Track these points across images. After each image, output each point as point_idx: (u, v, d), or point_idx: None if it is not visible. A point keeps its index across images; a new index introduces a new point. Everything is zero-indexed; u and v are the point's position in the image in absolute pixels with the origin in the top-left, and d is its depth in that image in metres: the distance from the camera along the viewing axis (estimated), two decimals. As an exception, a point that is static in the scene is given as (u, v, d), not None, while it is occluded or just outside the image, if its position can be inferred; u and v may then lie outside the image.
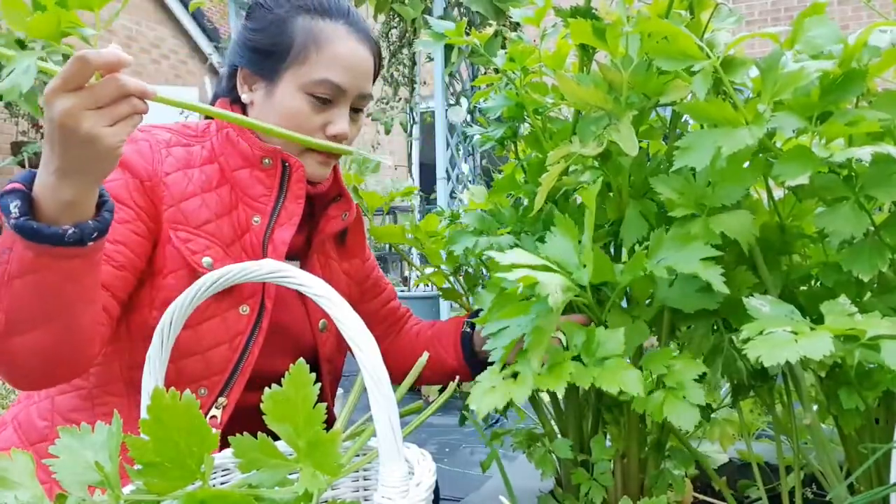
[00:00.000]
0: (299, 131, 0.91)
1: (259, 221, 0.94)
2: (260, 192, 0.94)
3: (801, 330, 0.55)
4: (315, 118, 0.94)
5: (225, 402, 0.90)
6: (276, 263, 0.57)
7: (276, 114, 0.93)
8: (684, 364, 0.68)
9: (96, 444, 0.51)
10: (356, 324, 0.52)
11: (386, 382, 0.49)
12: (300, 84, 0.92)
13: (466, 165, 3.41)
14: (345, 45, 0.94)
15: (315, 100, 0.93)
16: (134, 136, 0.91)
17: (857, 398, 0.66)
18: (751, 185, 0.67)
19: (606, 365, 0.64)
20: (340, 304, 0.52)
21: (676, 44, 0.65)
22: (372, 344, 0.51)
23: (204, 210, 0.91)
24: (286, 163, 0.94)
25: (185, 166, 0.93)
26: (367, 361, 0.50)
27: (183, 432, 0.46)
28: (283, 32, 0.93)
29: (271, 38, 0.94)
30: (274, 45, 0.93)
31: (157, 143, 0.92)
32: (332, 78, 0.92)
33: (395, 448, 0.50)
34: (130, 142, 0.90)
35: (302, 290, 0.55)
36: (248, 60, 0.96)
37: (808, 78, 0.61)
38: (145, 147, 0.91)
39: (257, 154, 0.94)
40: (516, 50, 0.88)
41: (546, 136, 0.89)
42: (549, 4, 0.84)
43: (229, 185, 0.95)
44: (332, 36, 0.93)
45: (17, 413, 0.94)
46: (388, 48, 4.07)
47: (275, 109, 0.94)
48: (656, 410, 0.66)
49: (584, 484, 0.82)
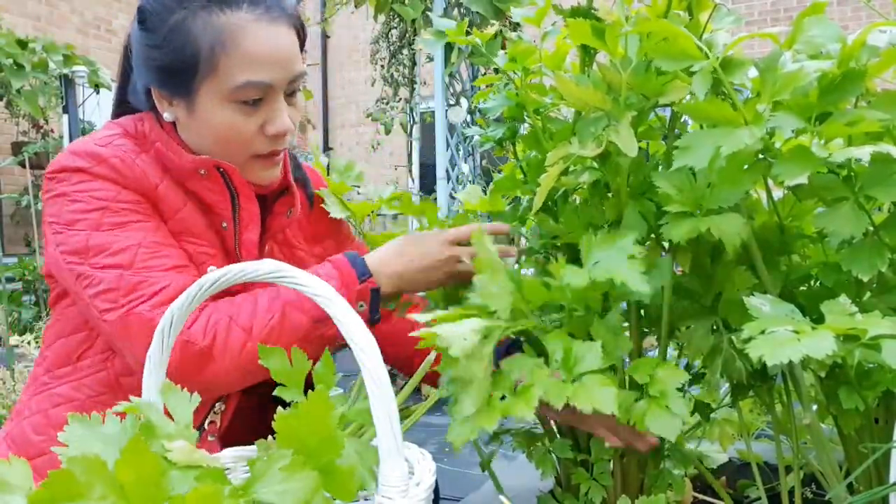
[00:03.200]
0: (236, 141, 0.85)
1: (227, 227, 0.91)
2: (215, 198, 0.89)
3: (803, 329, 0.55)
4: (249, 123, 0.84)
5: (223, 407, 0.89)
6: (276, 263, 0.57)
7: (206, 130, 0.85)
8: (667, 372, 0.68)
9: (107, 436, 0.51)
10: (355, 322, 0.52)
11: (386, 382, 0.50)
12: (220, 95, 0.82)
13: (466, 165, 3.40)
14: (256, 34, 0.82)
15: (243, 105, 0.83)
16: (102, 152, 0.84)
17: (857, 398, 0.66)
18: (750, 187, 0.67)
19: (583, 381, 0.62)
20: (339, 303, 0.52)
21: (676, 44, 0.65)
22: (372, 343, 0.51)
23: (198, 216, 0.89)
24: (220, 168, 0.87)
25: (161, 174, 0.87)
26: (367, 360, 0.50)
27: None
28: (185, 43, 0.81)
29: (173, 53, 0.82)
30: (179, 60, 0.82)
31: (125, 156, 0.85)
32: (253, 78, 0.82)
33: (395, 447, 0.49)
34: (103, 161, 0.83)
35: (301, 290, 0.55)
36: (157, 81, 0.86)
37: (807, 78, 0.61)
38: (119, 164, 0.84)
39: (190, 166, 0.86)
40: (517, 50, 0.88)
41: (546, 137, 0.89)
42: (550, 4, 0.84)
43: (192, 193, 0.89)
44: (237, 30, 0.81)
45: (11, 430, 0.91)
46: (388, 48, 4.07)
47: (204, 127, 0.85)
48: (639, 420, 0.66)
49: (584, 484, 0.83)
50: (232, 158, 0.87)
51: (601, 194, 0.82)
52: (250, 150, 0.87)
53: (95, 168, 0.83)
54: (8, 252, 5.00)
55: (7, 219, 5.38)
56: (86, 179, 0.83)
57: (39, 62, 4.40)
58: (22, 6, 5.74)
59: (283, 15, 0.85)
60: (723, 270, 0.74)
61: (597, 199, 0.82)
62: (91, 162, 0.83)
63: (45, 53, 4.44)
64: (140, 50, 0.86)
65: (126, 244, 0.81)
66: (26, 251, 5.18)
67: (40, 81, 4.46)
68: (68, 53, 4.58)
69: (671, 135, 0.80)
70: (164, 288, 0.79)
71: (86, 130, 5.11)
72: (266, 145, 0.87)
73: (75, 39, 5.91)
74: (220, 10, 0.81)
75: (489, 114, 0.95)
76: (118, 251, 0.80)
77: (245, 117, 0.84)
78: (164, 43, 0.82)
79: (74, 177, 0.83)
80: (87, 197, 0.82)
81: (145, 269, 0.80)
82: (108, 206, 0.82)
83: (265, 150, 0.88)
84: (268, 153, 0.88)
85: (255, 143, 0.86)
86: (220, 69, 0.81)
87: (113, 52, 6.62)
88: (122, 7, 6.77)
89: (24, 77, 4.31)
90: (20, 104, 4.50)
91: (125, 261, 0.80)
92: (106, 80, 4.72)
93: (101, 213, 0.82)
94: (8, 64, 4.23)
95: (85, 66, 4.65)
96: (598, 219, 0.80)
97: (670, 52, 0.65)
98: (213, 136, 0.86)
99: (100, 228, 0.81)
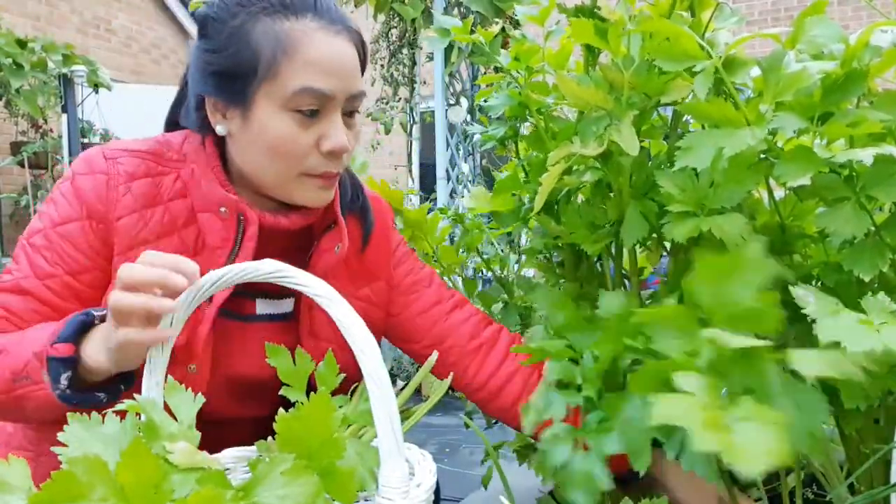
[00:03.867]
0: (290, 155, 0.80)
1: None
2: (217, 242, 0.84)
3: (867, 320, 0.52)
4: (305, 136, 0.80)
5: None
6: (277, 263, 0.57)
7: (260, 141, 0.81)
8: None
9: (107, 436, 0.51)
10: (356, 324, 0.52)
11: (386, 383, 0.50)
12: (278, 102, 0.79)
13: (466, 165, 3.41)
14: (318, 42, 0.80)
15: (300, 115, 0.79)
16: (98, 164, 0.83)
17: (862, 397, 0.65)
18: (753, 187, 0.67)
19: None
20: (339, 304, 0.52)
21: (679, 44, 0.65)
22: (372, 344, 0.51)
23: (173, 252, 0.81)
24: (242, 216, 0.83)
25: (145, 205, 0.82)
26: (368, 362, 0.50)
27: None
28: (245, 47, 0.79)
29: (233, 57, 0.79)
30: (237, 64, 0.79)
31: (116, 176, 0.82)
32: (313, 84, 0.78)
33: (396, 448, 0.50)
34: (90, 173, 0.82)
35: (301, 290, 0.55)
36: (213, 87, 0.82)
37: (810, 79, 0.61)
38: (101, 182, 0.82)
39: (214, 200, 0.83)
40: (521, 49, 0.87)
41: (549, 136, 0.89)
42: (553, 3, 0.84)
43: (196, 227, 0.84)
44: (301, 36, 0.79)
45: None
46: (388, 48, 4.07)
47: (258, 137, 0.81)
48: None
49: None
50: (282, 174, 0.82)
51: (603, 194, 0.82)
52: (303, 167, 0.82)
53: (81, 177, 0.83)
54: (7, 252, 4.99)
55: (6, 219, 5.37)
56: (65, 189, 0.83)
57: (38, 62, 4.40)
58: (22, 6, 5.74)
59: (346, 29, 0.83)
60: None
61: (599, 199, 0.82)
62: (84, 168, 0.84)
63: (45, 53, 4.44)
64: (198, 57, 0.83)
65: (15, 268, 0.82)
66: (26, 251, 5.18)
67: (39, 81, 4.46)
68: (67, 53, 4.58)
69: (673, 134, 0.80)
70: None
71: (85, 130, 5.11)
72: (319, 163, 0.82)
73: (75, 39, 5.91)
74: (285, 17, 0.79)
75: (491, 112, 0.94)
76: (9, 269, 0.82)
77: (301, 129, 0.80)
78: (222, 47, 0.80)
79: (66, 181, 0.84)
80: (48, 208, 0.83)
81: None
82: (45, 228, 0.82)
83: (318, 170, 0.82)
84: (320, 173, 0.83)
85: (309, 158, 0.82)
86: (280, 74, 0.78)
87: (112, 51, 6.62)
88: (122, 7, 6.77)
89: (24, 77, 4.31)
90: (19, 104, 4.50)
91: (3, 278, 0.81)
92: (105, 79, 4.72)
93: (38, 230, 0.82)
94: (7, 63, 4.23)
95: (84, 66, 4.65)
96: (600, 219, 0.80)
97: (673, 51, 0.65)
98: (266, 147, 0.81)
99: (28, 238, 0.83)
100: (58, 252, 0.81)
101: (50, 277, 0.80)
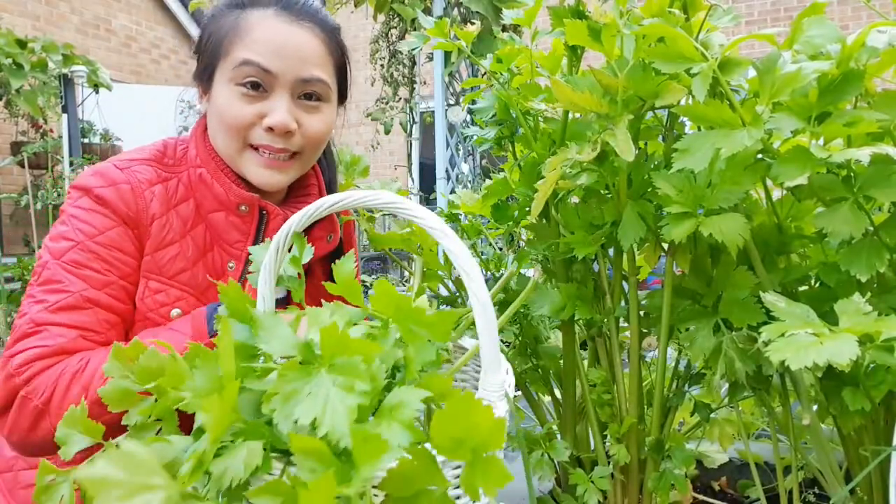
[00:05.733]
0: (233, 126, 0.86)
1: (234, 267, 0.90)
2: (235, 238, 0.90)
3: (821, 332, 0.54)
4: (248, 109, 0.86)
5: None
6: (392, 195, 0.59)
7: (215, 114, 0.89)
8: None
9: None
10: (464, 253, 0.55)
11: (489, 306, 0.54)
12: (227, 76, 0.86)
13: (466, 165, 3.40)
14: (269, 25, 0.86)
15: (244, 88, 0.86)
16: (115, 175, 0.86)
17: (863, 399, 0.65)
18: (751, 188, 0.67)
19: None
20: (451, 236, 0.56)
21: (674, 46, 0.65)
22: (478, 271, 0.55)
23: (180, 260, 0.87)
24: (264, 210, 0.91)
25: (166, 209, 0.88)
26: (473, 285, 0.54)
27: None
28: (213, 34, 0.89)
29: (204, 45, 0.90)
30: (206, 51, 0.90)
31: (138, 184, 0.87)
32: (252, 58, 0.84)
33: (497, 359, 0.55)
34: (111, 184, 0.85)
35: (415, 222, 0.57)
36: (198, 77, 0.93)
37: (806, 79, 0.60)
38: (126, 191, 0.85)
39: (233, 200, 0.89)
40: (503, 51, 0.88)
41: (541, 136, 0.89)
42: (540, 5, 0.84)
43: (204, 225, 0.90)
44: (256, 21, 0.87)
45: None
46: (388, 48, 4.06)
47: (214, 110, 0.89)
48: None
49: (582, 485, 0.82)
50: (230, 146, 0.88)
51: (599, 196, 0.82)
52: (246, 138, 0.88)
53: (102, 190, 0.84)
54: (7, 252, 4.99)
55: (6, 219, 5.37)
56: (86, 204, 0.84)
57: (38, 62, 4.39)
58: (21, 6, 5.74)
59: (312, 22, 0.89)
60: (723, 271, 0.74)
61: (595, 200, 0.82)
62: (101, 182, 0.85)
63: (45, 53, 4.43)
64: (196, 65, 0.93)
65: (63, 287, 0.81)
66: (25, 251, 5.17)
67: (39, 81, 4.45)
68: (67, 53, 4.58)
69: (669, 135, 0.80)
70: (43, 348, 0.77)
71: (85, 130, 5.10)
72: (261, 136, 0.87)
73: (75, 39, 5.91)
74: (251, 8, 0.88)
75: (480, 115, 0.94)
76: (54, 290, 0.81)
77: (244, 102, 0.86)
78: (201, 42, 0.91)
79: (81, 197, 0.85)
80: (73, 224, 0.83)
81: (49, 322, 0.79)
82: (81, 241, 0.82)
83: (260, 141, 0.87)
84: (263, 146, 0.87)
85: (253, 131, 0.87)
86: (231, 53, 0.86)
87: (112, 52, 6.61)
88: (121, 7, 6.76)
89: (24, 77, 4.30)
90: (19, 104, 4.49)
91: (50, 300, 0.80)
92: (105, 79, 4.72)
93: (72, 246, 0.82)
94: (7, 63, 4.22)
95: (84, 66, 4.65)
96: (597, 219, 0.80)
97: (668, 54, 0.65)
98: (218, 119, 0.88)
99: (60, 258, 0.82)
100: (106, 260, 0.83)
101: (108, 285, 0.83)
